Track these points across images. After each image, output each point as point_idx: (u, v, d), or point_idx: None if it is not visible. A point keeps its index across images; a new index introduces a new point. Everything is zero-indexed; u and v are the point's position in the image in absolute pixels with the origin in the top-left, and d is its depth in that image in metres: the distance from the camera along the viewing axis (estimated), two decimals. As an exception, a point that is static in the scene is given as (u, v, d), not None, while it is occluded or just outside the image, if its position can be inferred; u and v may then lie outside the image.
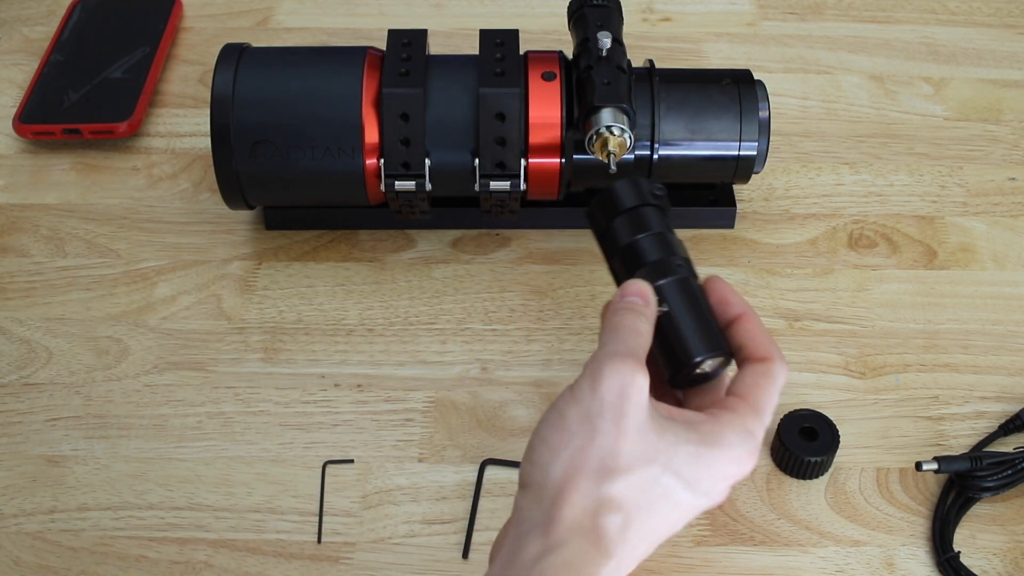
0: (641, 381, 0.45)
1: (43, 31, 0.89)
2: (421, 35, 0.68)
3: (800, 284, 0.71)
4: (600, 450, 0.44)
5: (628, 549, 0.44)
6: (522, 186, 0.66)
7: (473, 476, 0.62)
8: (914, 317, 0.70)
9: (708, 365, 0.49)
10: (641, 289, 0.49)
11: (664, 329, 0.49)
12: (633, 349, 0.46)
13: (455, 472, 0.62)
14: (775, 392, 0.48)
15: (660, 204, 0.53)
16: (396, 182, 0.66)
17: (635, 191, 0.53)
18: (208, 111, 0.71)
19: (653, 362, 0.49)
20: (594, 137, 0.63)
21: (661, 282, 0.50)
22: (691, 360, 0.48)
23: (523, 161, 0.66)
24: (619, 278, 0.52)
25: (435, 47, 0.71)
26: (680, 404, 0.51)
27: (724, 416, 0.47)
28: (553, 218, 0.73)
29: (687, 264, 0.51)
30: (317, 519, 0.61)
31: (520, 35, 0.68)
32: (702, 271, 0.66)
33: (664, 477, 0.45)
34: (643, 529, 0.45)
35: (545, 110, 0.65)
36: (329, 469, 0.62)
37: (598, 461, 0.44)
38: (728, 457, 0.46)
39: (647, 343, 0.47)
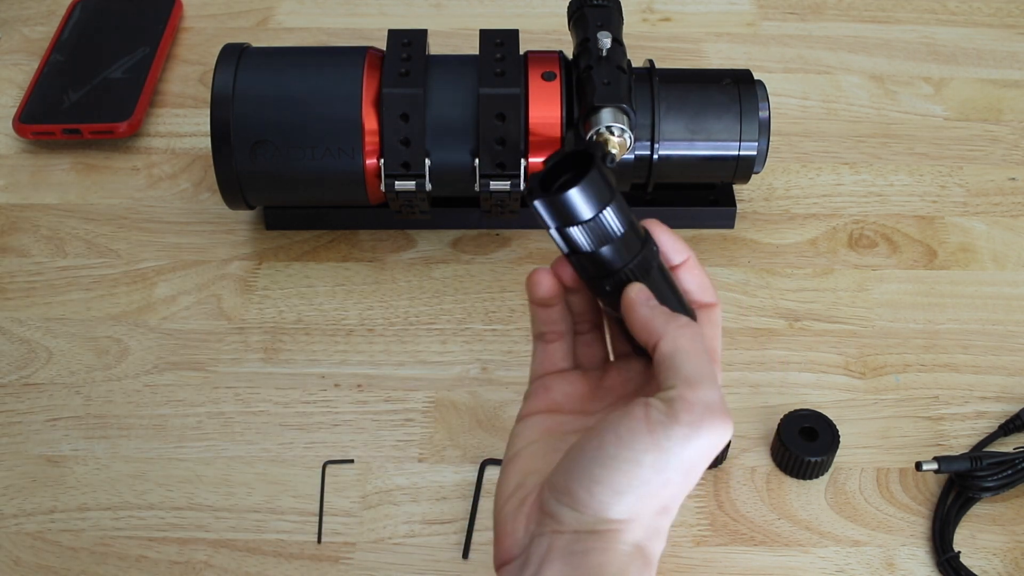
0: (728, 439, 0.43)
1: (43, 31, 0.89)
2: (421, 35, 0.68)
3: (800, 284, 0.71)
4: (667, 500, 0.43)
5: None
6: (522, 186, 0.66)
7: (473, 476, 0.62)
8: (914, 317, 0.70)
9: None
10: (641, 294, 0.46)
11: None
12: (725, 402, 0.43)
13: (455, 472, 0.62)
14: (719, 332, 0.48)
15: (612, 197, 0.46)
16: (396, 182, 0.66)
17: (594, 193, 0.45)
18: (208, 111, 0.71)
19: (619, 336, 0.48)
20: (594, 137, 0.63)
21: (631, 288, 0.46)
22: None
23: (523, 161, 0.66)
24: (581, 272, 0.48)
25: (435, 47, 0.71)
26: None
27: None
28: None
29: (649, 249, 0.47)
30: (317, 519, 0.61)
31: (520, 35, 0.68)
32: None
33: (691, 479, 0.44)
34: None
35: (545, 110, 0.65)
36: (329, 469, 0.62)
37: (661, 506, 0.43)
38: (707, 450, 0.44)
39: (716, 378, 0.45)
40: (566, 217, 0.44)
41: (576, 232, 0.45)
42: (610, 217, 0.45)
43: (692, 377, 0.43)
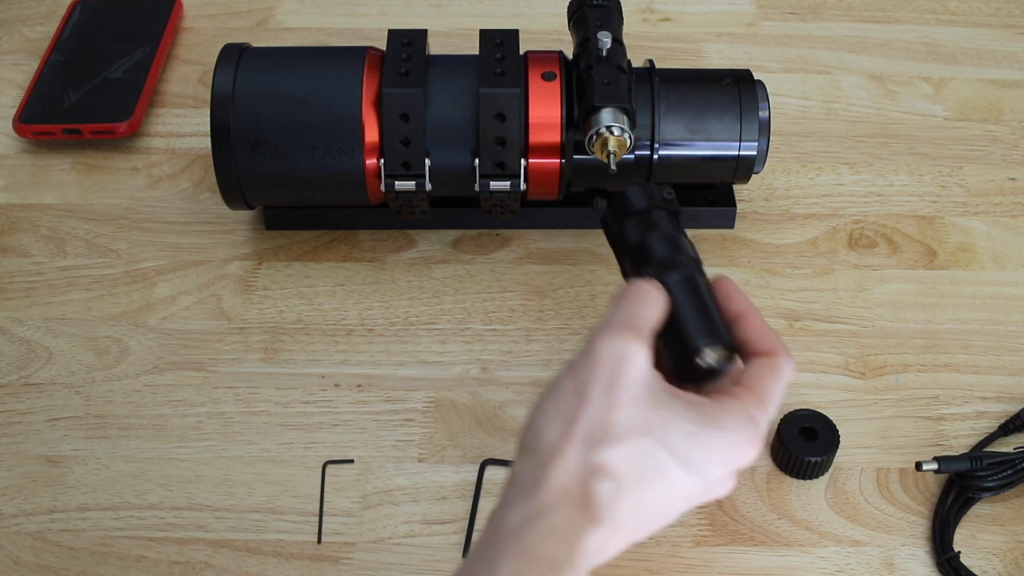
0: (637, 353, 0.45)
1: (43, 31, 0.89)
2: (421, 35, 0.68)
3: (800, 284, 0.71)
4: (591, 419, 0.44)
5: (620, 519, 0.44)
6: (522, 186, 0.66)
7: (473, 476, 0.62)
8: (914, 317, 0.70)
9: (710, 356, 0.49)
10: (649, 283, 0.50)
11: (668, 323, 0.50)
12: (633, 320, 0.46)
13: (455, 472, 0.62)
14: (781, 384, 0.49)
15: (670, 208, 0.55)
16: (396, 182, 0.66)
17: (645, 194, 0.55)
18: (208, 111, 0.71)
19: (660, 359, 0.50)
20: (594, 137, 0.63)
21: (668, 278, 0.50)
22: (691, 345, 0.49)
23: (523, 161, 0.66)
24: (628, 278, 0.53)
25: (435, 47, 0.71)
26: None
27: (726, 401, 0.47)
28: (553, 218, 0.73)
29: (695, 263, 0.52)
30: (317, 519, 0.61)
31: (520, 35, 0.68)
32: (702, 271, 0.66)
33: (658, 451, 0.44)
34: (636, 501, 0.44)
35: (545, 110, 0.65)
36: (329, 469, 0.62)
37: (588, 429, 0.44)
38: (727, 441, 0.46)
39: (652, 320, 0.48)
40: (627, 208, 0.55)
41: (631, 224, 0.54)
42: (662, 217, 0.54)
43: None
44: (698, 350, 0.49)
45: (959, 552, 0.59)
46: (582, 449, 0.44)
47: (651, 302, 0.48)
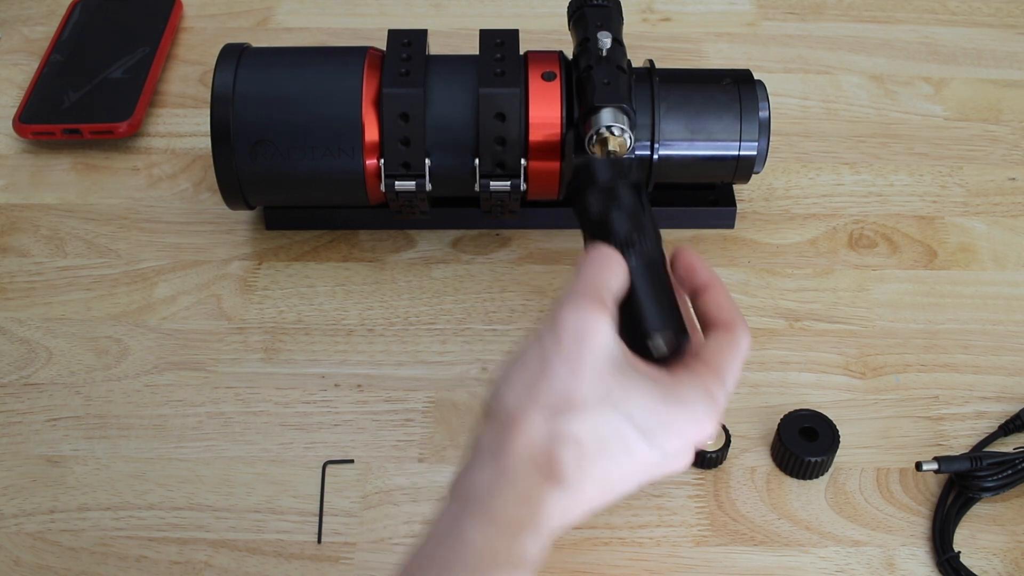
0: (600, 323, 0.46)
1: (43, 31, 0.89)
2: (421, 35, 0.68)
3: (800, 284, 0.71)
4: (553, 389, 0.45)
5: (583, 484, 0.45)
6: (522, 186, 0.66)
7: (473, 476, 0.62)
8: (914, 317, 0.70)
9: (661, 344, 0.50)
10: (610, 249, 0.50)
11: (626, 300, 0.50)
12: (596, 290, 0.47)
13: (455, 472, 0.62)
14: (739, 359, 0.49)
15: (634, 182, 0.55)
16: (396, 182, 0.66)
17: (610, 168, 0.55)
18: (208, 111, 0.71)
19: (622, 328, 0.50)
20: (594, 137, 0.63)
21: (628, 258, 0.51)
22: (644, 330, 0.49)
23: (523, 161, 0.66)
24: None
25: (435, 47, 0.71)
26: None
27: (685, 376, 0.48)
28: (553, 218, 0.73)
29: (656, 241, 0.52)
30: (317, 519, 0.61)
31: (520, 35, 0.68)
32: (702, 271, 0.66)
33: (619, 422, 0.45)
34: (597, 468, 0.45)
35: (545, 110, 0.65)
36: (329, 469, 0.62)
37: (551, 398, 0.45)
38: (686, 416, 0.47)
39: (615, 288, 0.48)
40: (590, 179, 0.54)
41: (591, 194, 0.54)
42: (624, 191, 0.54)
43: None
44: (650, 336, 0.49)
45: (959, 552, 0.59)
46: (545, 417, 0.44)
47: (613, 269, 0.49)
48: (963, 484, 0.60)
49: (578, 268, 0.49)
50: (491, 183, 0.66)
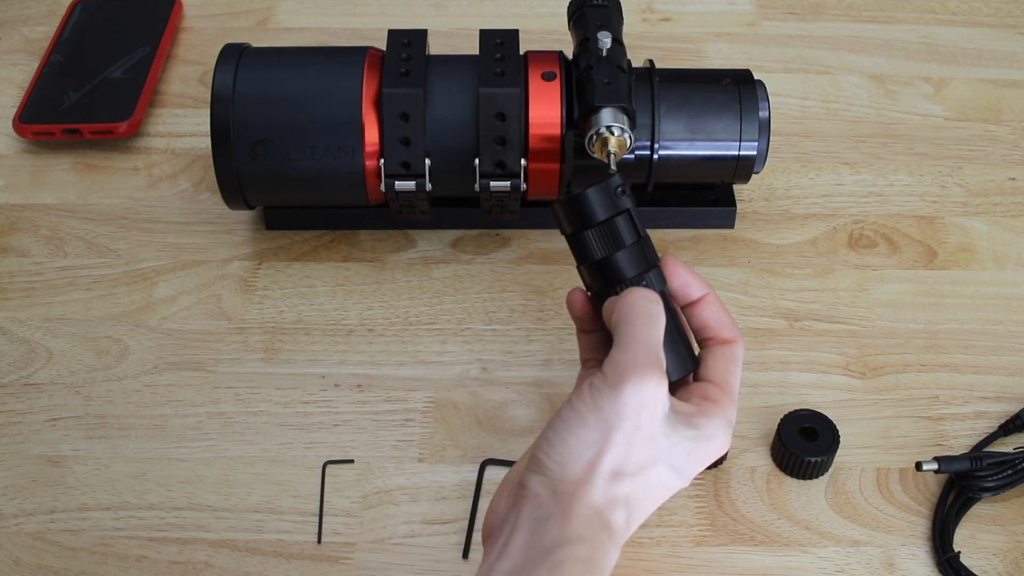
0: (661, 395, 0.48)
1: (43, 31, 0.89)
2: (421, 35, 0.68)
3: (800, 284, 0.71)
4: (614, 458, 0.47)
5: (629, 534, 0.49)
6: (522, 186, 0.66)
7: (473, 476, 0.62)
8: (914, 317, 0.70)
9: (677, 379, 0.52)
10: (653, 297, 0.51)
11: None
12: (653, 352, 0.48)
13: (455, 472, 0.62)
14: (739, 369, 0.52)
15: (627, 206, 0.53)
16: (396, 182, 0.66)
17: (607, 200, 0.52)
18: (208, 111, 0.71)
19: None
20: (594, 137, 0.63)
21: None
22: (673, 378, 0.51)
23: (523, 161, 0.66)
24: (591, 285, 0.54)
25: (435, 47, 0.71)
26: None
27: (712, 409, 0.50)
28: (553, 218, 0.73)
29: (659, 274, 0.53)
30: (317, 519, 0.61)
31: (520, 35, 0.68)
32: (702, 271, 0.67)
33: (664, 471, 0.48)
34: (642, 517, 0.49)
35: (545, 110, 0.65)
36: (329, 469, 0.62)
37: (611, 467, 0.47)
38: (713, 448, 0.50)
39: (662, 339, 0.50)
40: (584, 218, 0.52)
41: (590, 236, 0.52)
42: (624, 224, 0.52)
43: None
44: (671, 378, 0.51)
45: (959, 552, 0.59)
46: (605, 482, 0.47)
47: (659, 319, 0.50)
48: (963, 484, 0.60)
49: (627, 320, 0.49)
50: (491, 183, 0.66)
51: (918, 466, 0.60)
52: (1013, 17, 0.90)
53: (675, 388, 0.52)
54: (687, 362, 0.52)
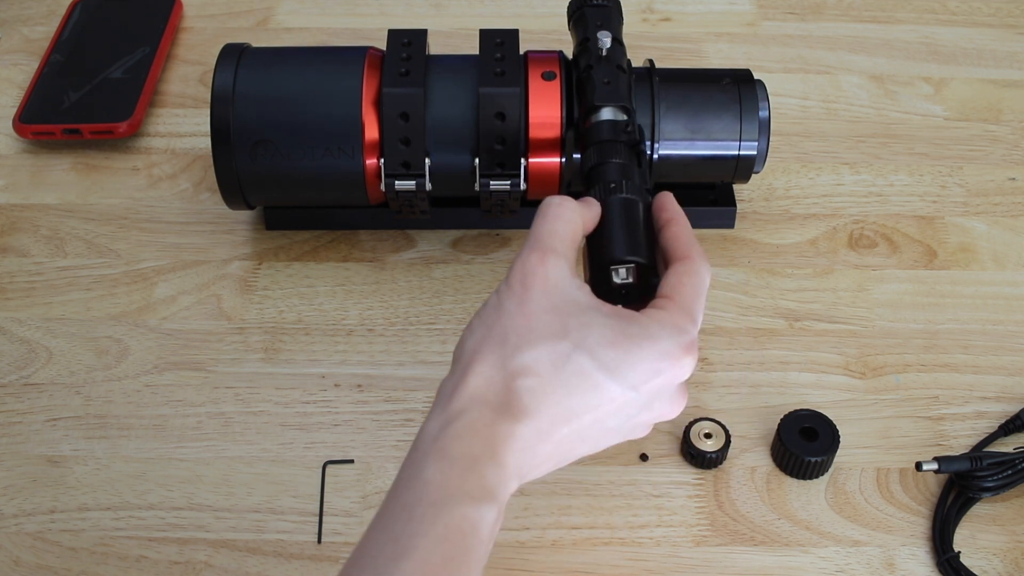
0: (546, 266, 0.48)
1: (43, 31, 0.89)
2: (421, 35, 0.68)
3: (800, 284, 0.71)
4: (506, 327, 0.47)
5: (542, 414, 0.46)
6: (522, 185, 0.66)
7: (473, 476, 0.62)
8: (914, 317, 0.70)
9: (623, 269, 0.51)
10: (560, 199, 0.51)
11: (593, 237, 0.52)
12: (543, 239, 0.49)
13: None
14: (700, 288, 0.50)
15: (631, 140, 0.59)
16: (396, 182, 0.66)
17: (612, 129, 0.59)
18: (208, 111, 0.71)
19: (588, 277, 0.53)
20: (594, 137, 0.63)
21: (609, 199, 0.53)
22: (606, 258, 0.51)
23: (523, 160, 0.66)
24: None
25: (435, 47, 0.71)
26: None
27: (649, 311, 0.48)
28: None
29: (641, 190, 0.54)
30: (317, 519, 0.61)
31: (520, 35, 0.68)
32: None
33: (578, 355, 0.46)
34: (556, 397, 0.46)
35: (545, 109, 0.65)
36: (329, 469, 0.62)
37: (504, 335, 0.46)
38: (656, 350, 0.47)
39: (564, 234, 0.50)
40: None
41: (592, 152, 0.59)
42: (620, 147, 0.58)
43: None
44: (612, 262, 0.51)
45: (959, 552, 0.59)
46: (500, 353, 0.46)
47: (561, 216, 0.50)
48: (963, 484, 0.60)
49: (535, 216, 0.51)
50: (491, 182, 0.66)
51: (918, 466, 0.60)
52: (1013, 17, 0.90)
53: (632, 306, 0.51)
54: (638, 247, 0.51)
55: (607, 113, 0.62)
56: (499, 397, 0.46)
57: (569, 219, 0.50)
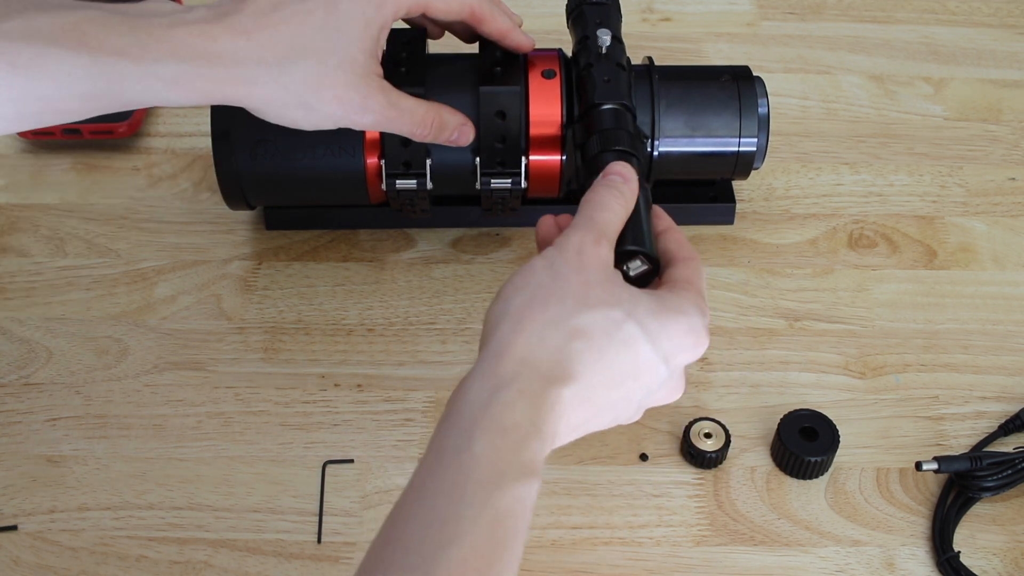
0: (599, 249, 0.49)
1: (43, 31, 0.88)
2: (421, 35, 0.68)
3: (800, 284, 0.71)
4: (564, 289, 0.47)
5: (590, 378, 0.46)
6: (523, 184, 0.66)
7: (473, 476, 0.62)
8: (914, 317, 0.70)
9: (638, 263, 0.52)
10: (624, 169, 0.53)
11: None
12: (600, 225, 0.50)
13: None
14: (705, 283, 0.52)
15: (634, 131, 0.60)
16: (397, 181, 0.66)
17: (615, 118, 0.60)
18: (208, 111, 0.71)
19: None
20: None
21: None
22: (620, 248, 0.51)
23: (524, 159, 0.66)
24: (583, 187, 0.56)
25: (435, 47, 0.71)
26: None
27: (678, 288, 0.50)
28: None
29: (643, 181, 0.55)
30: (317, 519, 0.61)
31: (520, 35, 0.68)
32: (702, 271, 0.66)
33: (628, 323, 0.47)
34: (604, 360, 0.46)
35: (545, 108, 0.65)
36: (329, 469, 0.62)
37: (561, 296, 0.46)
38: (687, 324, 0.48)
39: (618, 220, 0.51)
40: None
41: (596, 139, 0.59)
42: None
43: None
44: (635, 254, 0.52)
45: (959, 552, 0.59)
46: (558, 312, 0.46)
47: (623, 190, 0.52)
48: (963, 484, 0.60)
49: (585, 199, 0.51)
50: (492, 181, 0.66)
51: (918, 466, 0.60)
52: (1013, 17, 0.90)
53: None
54: (646, 241, 0.52)
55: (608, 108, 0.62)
56: (552, 357, 0.45)
57: (625, 214, 0.52)
